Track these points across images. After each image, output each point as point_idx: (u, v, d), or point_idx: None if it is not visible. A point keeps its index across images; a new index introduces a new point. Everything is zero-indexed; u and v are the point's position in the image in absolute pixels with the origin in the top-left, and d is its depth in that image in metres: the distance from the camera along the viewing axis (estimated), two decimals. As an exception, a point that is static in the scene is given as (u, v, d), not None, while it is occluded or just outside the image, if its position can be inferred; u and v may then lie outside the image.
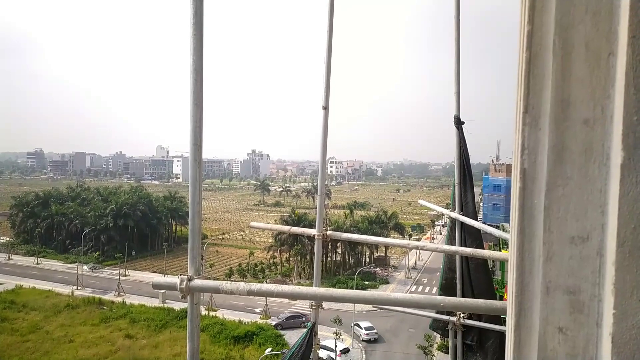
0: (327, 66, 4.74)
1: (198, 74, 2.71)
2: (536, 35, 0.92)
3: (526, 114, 0.94)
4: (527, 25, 0.92)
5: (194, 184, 2.75)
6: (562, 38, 0.90)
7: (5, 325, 39.39)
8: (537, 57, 0.92)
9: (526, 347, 0.95)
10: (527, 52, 0.93)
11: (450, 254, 5.67)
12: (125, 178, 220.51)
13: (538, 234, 0.93)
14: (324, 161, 4.96)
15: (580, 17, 0.89)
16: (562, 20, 0.90)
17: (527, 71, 0.93)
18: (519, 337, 0.96)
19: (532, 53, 0.93)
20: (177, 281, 2.66)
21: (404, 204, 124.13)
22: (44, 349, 35.22)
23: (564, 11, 0.89)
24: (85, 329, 39.44)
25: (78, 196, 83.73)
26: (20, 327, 39.11)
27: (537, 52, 0.92)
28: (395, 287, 56.17)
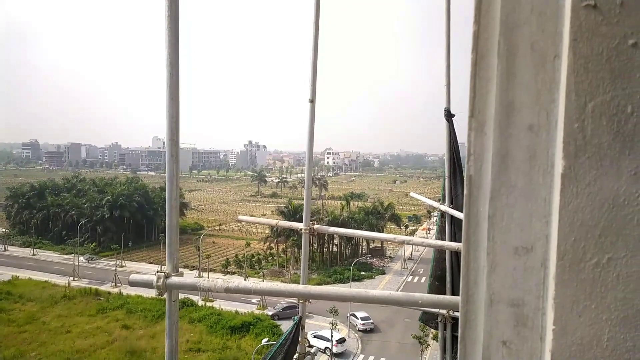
0: (313, 59, 4.68)
1: (174, 68, 2.65)
2: (482, 36, 0.88)
3: (472, 119, 0.89)
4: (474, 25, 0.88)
5: (170, 179, 2.71)
6: (507, 39, 0.85)
7: (2, 316, 39.43)
8: (483, 59, 0.88)
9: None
10: (474, 54, 0.88)
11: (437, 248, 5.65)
12: (122, 169, 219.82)
13: (483, 244, 0.90)
14: (311, 155, 4.92)
15: (526, 17, 0.83)
16: (507, 20, 0.85)
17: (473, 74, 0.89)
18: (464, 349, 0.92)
19: (479, 55, 0.88)
20: (154, 278, 2.63)
21: (400, 195, 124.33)
22: (40, 340, 35.30)
23: (509, 10, 0.84)
24: (82, 320, 39.53)
25: (74, 187, 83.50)
26: (16, 318, 39.16)
27: (483, 53, 0.88)
28: (391, 277, 56.46)
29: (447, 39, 5.98)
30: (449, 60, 6.06)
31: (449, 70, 6.11)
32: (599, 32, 0.78)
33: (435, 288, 6.22)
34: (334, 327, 36.10)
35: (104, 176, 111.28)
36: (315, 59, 4.68)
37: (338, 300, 2.39)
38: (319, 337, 36.34)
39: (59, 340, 35.27)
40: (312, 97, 4.69)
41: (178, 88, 2.71)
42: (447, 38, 5.98)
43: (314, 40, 4.67)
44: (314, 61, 4.68)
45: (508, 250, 0.88)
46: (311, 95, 4.69)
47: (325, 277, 54.87)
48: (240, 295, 45.49)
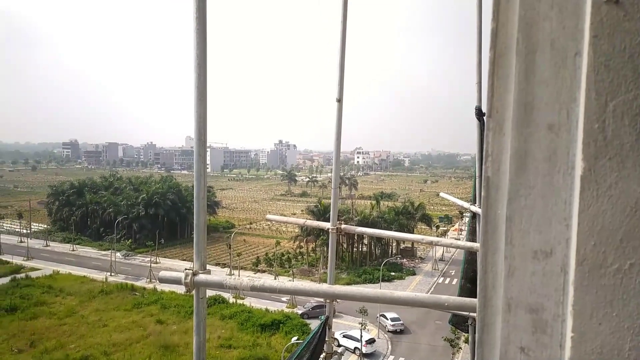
0: (340, 58, 4.66)
1: (201, 69, 2.70)
2: (501, 33, 0.85)
3: (490, 119, 0.86)
4: (492, 22, 0.85)
5: (198, 178, 2.76)
6: (526, 36, 0.82)
7: (44, 309, 41.17)
8: (501, 57, 0.85)
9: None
10: (492, 52, 0.86)
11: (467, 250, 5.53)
12: (156, 168, 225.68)
13: (501, 247, 0.87)
14: (338, 154, 4.91)
15: (545, 13, 0.80)
16: (526, 17, 0.81)
17: (491, 72, 0.86)
18: (482, 353, 0.90)
19: (497, 53, 0.85)
20: (182, 276, 2.68)
21: (431, 195, 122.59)
22: (79, 333, 36.66)
23: (529, 7, 0.81)
24: (118, 314, 40.80)
25: (111, 185, 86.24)
26: (57, 311, 40.80)
27: (502, 51, 0.85)
28: (422, 278, 55.77)
29: (479, 35, 5.84)
30: (480, 58, 5.92)
31: (481, 68, 5.96)
32: (621, 29, 0.75)
33: (467, 290, 6.09)
34: (363, 327, 35.93)
35: (139, 175, 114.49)
36: (342, 58, 4.67)
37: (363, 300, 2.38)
38: (349, 337, 36.28)
39: (97, 334, 36.52)
40: (340, 96, 4.68)
41: (206, 89, 2.75)
42: (479, 34, 5.84)
43: (342, 39, 4.66)
44: (341, 60, 4.66)
45: (527, 254, 0.85)
46: (339, 95, 4.67)
47: (355, 277, 54.70)
48: (270, 293, 46.04)
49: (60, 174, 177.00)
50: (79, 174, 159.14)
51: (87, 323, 38.66)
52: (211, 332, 36.22)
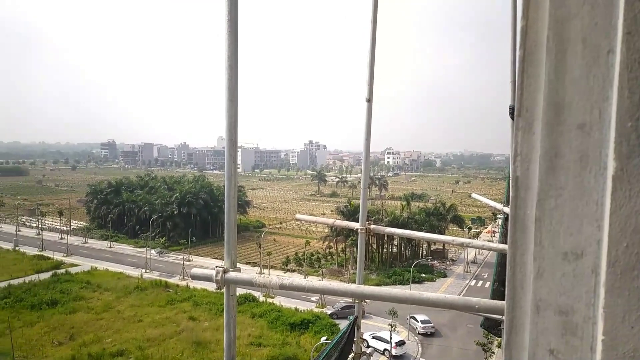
0: (370, 58, 4.65)
1: (233, 70, 2.75)
2: (531, 31, 0.83)
3: (519, 118, 0.85)
4: (522, 20, 0.83)
5: (229, 178, 2.81)
6: (557, 33, 0.80)
7: (82, 303, 42.72)
8: (531, 55, 0.83)
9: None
10: (522, 50, 0.84)
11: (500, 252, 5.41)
12: (189, 168, 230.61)
13: (530, 248, 0.85)
14: (368, 154, 4.90)
15: (577, 9, 0.78)
16: (556, 14, 0.79)
17: (521, 71, 0.85)
18: (510, 356, 0.89)
19: (527, 51, 0.84)
20: (213, 273, 2.74)
21: (463, 196, 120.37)
22: (115, 327, 37.85)
23: (559, 4, 0.79)
24: (152, 310, 41.89)
25: (146, 185, 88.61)
26: (95, 306, 42.26)
27: (532, 49, 0.83)
28: (453, 281, 54.84)
29: (513, 33, 5.71)
30: (514, 56, 5.78)
31: (515, 66, 5.83)
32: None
33: (500, 293, 5.96)
34: (393, 329, 35.65)
35: (173, 174, 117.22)
36: (372, 58, 4.65)
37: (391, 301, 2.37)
38: (378, 339, 36.06)
39: (132, 329, 37.60)
40: (369, 96, 4.67)
41: (237, 90, 2.80)
42: (513, 32, 5.71)
43: (372, 39, 4.64)
44: (371, 60, 4.65)
45: (556, 255, 0.83)
46: (368, 95, 4.66)
47: (385, 278, 54.32)
48: (300, 292, 46.17)
49: (99, 174, 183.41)
50: (116, 173, 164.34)
51: (123, 318, 39.85)
52: (241, 330, 36.69)
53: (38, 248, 63.78)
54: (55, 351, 33.27)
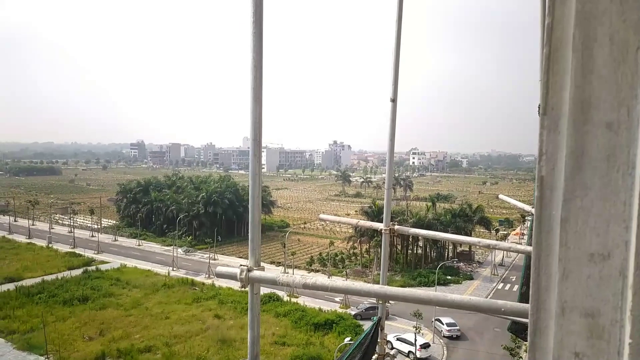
0: (395, 58, 4.62)
1: (258, 71, 2.77)
2: (556, 28, 0.81)
3: (545, 116, 0.83)
4: (548, 17, 0.82)
5: (253, 177, 2.84)
6: (584, 30, 0.78)
7: (112, 300, 43.85)
8: (557, 53, 0.81)
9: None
10: (547, 48, 0.82)
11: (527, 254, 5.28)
12: (215, 167, 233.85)
13: (555, 249, 0.84)
14: (392, 154, 4.87)
15: (605, 6, 0.76)
16: (583, 10, 0.78)
17: (546, 69, 0.83)
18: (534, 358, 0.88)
19: (552, 48, 0.82)
20: (237, 271, 2.78)
21: (490, 197, 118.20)
22: (143, 324, 38.69)
23: (586, 0, 0.78)
24: (179, 307, 42.65)
25: (174, 184, 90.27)
26: (124, 303, 43.30)
27: (557, 46, 0.81)
28: (480, 283, 53.91)
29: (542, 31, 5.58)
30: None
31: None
32: None
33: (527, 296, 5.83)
34: (417, 331, 35.29)
35: (199, 174, 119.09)
36: (397, 57, 4.62)
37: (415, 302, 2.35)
38: (402, 341, 35.76)
39: (159, 325, 38.36)
40: (394, 96, 4.64)
41: (261, 90, 2.83)
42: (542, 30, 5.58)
43: (397, 38, 4.61)
44: (395, 60, 4.62)
45: (582, 257, 0.81)
46: (393, 95, 4.64)
47: (409, 279, 53.83)
48: (324, 293, 46.17)
49: (128, 173, 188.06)
50: (144, 173, 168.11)
51: (151, 315, 40.70)
52: (266, 329, 36.97)
53: (70, 245, 65.80)
54: (86, 346, 34.22)
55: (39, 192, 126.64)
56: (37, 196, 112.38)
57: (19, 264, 55.16)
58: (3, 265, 54.29)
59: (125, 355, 32.67)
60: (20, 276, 49.93)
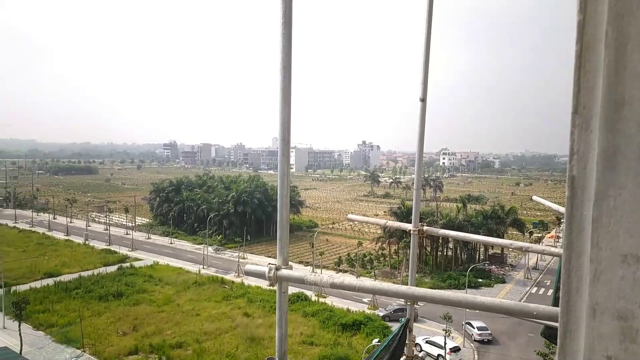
0: (425, 57, 4.57)
1: (286, 72, 2.80)
2: (588, 26, 0.80)
3: (576, 115, 0.82)
4: (579, 14, 0.80)
5: (282, 177, 2.87)
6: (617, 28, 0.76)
7: (145, 296, 45.00)
8: (589, 51, 0.80)
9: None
10: (579, 45, 0.81)
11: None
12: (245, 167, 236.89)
13: (586, 250, 0.81)
14: (421, 155, 4.82)
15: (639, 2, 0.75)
16: (617, 7, 0.76)
17: (578, 66, 0.81)
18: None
19: (584, 46, 0.80)
20: (266, 270, 2.81)
21: (524, 198, 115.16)
22: (175, 320, 39.56)
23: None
24: (209, 305, 43.39)
25: (204, 184, 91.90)
26: (156, 299, 44.38)
27: (589, 44, 0.80)
28: (512, 287, 52.64)
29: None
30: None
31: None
32: None
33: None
34: (447, 334, 34.74)
35: (229, 174, 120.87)
36: (427, 56, 4.57)
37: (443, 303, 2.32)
38: (432, 343, 35.29)
39: (190, 322, 39.13)
40: (424, 95, 4.59)
41: (290, 91, 2.85)
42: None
43: (426, 37, 4.56)
44: (425, 59, 4.57)
45: (615, 258, 0.79)
46: (422, 94, 4.59)
47: (439, 281, 53.07)
48: (352, 293, 46.07)
49: (161, 173, 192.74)
50: (177, 172, 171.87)
51: (182, 311, 41.55)
52: (294, 328, 37.16)
53: (106, 242, 67.98)
54: (120, 340, 35.25)
55: (76, 191, 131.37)
56: (74, 195, 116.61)
57: (58, 260, 57.35)
58: (43, 261, 56.56)
59: (157, 351, 33.46)
60: (59, 272, 51.91)
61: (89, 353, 33.35)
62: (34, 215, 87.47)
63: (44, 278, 49.41)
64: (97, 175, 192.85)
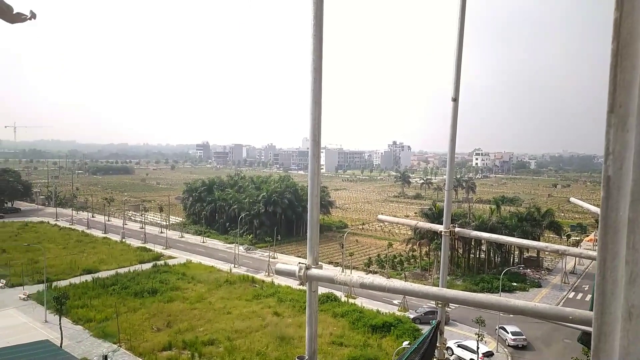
0: (457, 56, 4.51)
1: (317, 73, 2.83)
2: (625, 23, 0.78)
3: (612, 114, 0.80)
4: (616, 11, 0.79)
5: (312, 177, 2.90)
6: None
7: (178, 293, 46.03)
8: (625, 49, 0.78)
9: None
10: (615, 43, 0.79)
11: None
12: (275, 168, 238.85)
13: (621, 252, 0.80)
14: (453, 155, 4.75)
15: None
16: None
17: (614, 65, 0.80)
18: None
19: (621, 44, 0.79)
20: (296, 269, 2.85)
21: (561, 200, 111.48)
22: (207, 317, 40.28)
23: None
24: (240, 303, 43.97)
25: (236, 184, 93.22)
26: (189, 297, 45.31)
27: (626, 42, 0.78)
28: (548, 292, 51.06)
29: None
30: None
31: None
32: None
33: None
34: (480, 338, 34.01)
35: (260, 174, 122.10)
36: (459, 55, 4.50)
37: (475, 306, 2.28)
38: (464, 347, 34.65)
39: (222, 320, 39.76)
40: (455, 95, 4.53)
41: (321, 92, 2.88)
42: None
43: (459, 35, 4.50)
44: (457, 58, 4.50)
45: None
46: (454, 94, 4.53)
47: (472, 284, 52.02)
48: (382, 295, 45.79)
49: (194, 173, 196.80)
50: (209, 172, 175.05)
51: (214, 309, 42.27)
52: (324, 328, 37.20)
53: (141, 240, 69.93)
54: (154, 336, 36.16)
55: (114, 190, 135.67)
56: (112, 194, 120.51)
57: (96, 257, 59.43)
58: (82, 257, 58.72)
59: (190, 347, 34.15)
60: (97, 268, 53.77)
61: (124, 348, 34.36)
62: (74, 214, 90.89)
63: (82, 274, 51.29)
64: (133, 175, 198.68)
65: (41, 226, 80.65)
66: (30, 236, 69.67)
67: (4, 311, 40.55)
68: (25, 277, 48.94)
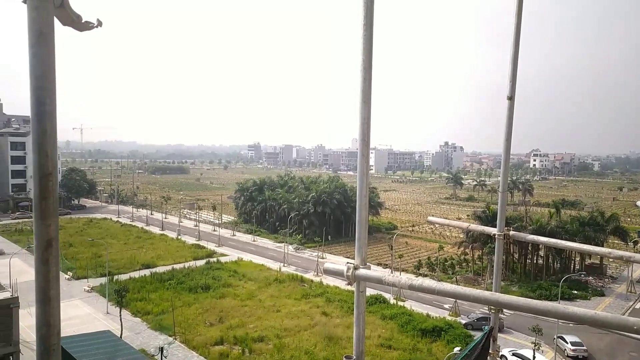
0: (513, 52, 4.34)
1: (367, 73, 2.82)
2: None
3: None
4: None
5: (361, 177, 2.89)
6: None
7: (230, 290, 47.29)
8: None
9: None
10: None
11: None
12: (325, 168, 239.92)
13: None
14: (508, 156, 4.58)
15: None
16: None
17: None
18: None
19: None
20: (344, 269, 2.85)
21: (628, 204, 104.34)
22: (257, 315, 41.12)
23: None
24: (289, 302, 44.53)
25: (286, 184, 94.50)
26: (240, 294, 46.43)
27: None
28: (612, 301, 48.02)
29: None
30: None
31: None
32: None
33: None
34: (536, 347, 32.52)
35: (309, 174, 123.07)
36: (516, 51, 4.33)
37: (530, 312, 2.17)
38: (519, 356, 33.30)
39: (271, 317, 40.44)
40: (511, 93, 4.36)
41: (370, 91, 2.87)
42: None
43: (516, 31, 4.33)
44: (514, 55, 4.34)
45: None
46: (510, 92, 4.36)
47: (528, 291, 49.83)
48: (432, 298, 44.81)
49: (246, 173, 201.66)
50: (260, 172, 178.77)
51: (264, 307, 43.06)
52: (372, 330, 36.92)
53: (195, 238, 72.48)
54: (207, 331, 37.35)
55: (170, 189, 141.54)
56: (169, 193, 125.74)
57: (154, 252, 62.21)
58: (141, 253, 61.67)
59: (241, 343, 34.98)
60: (155, 264, 56.27)
61: (179, 341, 35.71)
62: (134, 211, 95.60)
63: (141, 269, 53.84)
64: (189, 175, 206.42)
65: (104, 222, 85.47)
66: (94, 232, 74.07)
67: (70, 302, 43.30)
68: (90, 270, 52.00)
